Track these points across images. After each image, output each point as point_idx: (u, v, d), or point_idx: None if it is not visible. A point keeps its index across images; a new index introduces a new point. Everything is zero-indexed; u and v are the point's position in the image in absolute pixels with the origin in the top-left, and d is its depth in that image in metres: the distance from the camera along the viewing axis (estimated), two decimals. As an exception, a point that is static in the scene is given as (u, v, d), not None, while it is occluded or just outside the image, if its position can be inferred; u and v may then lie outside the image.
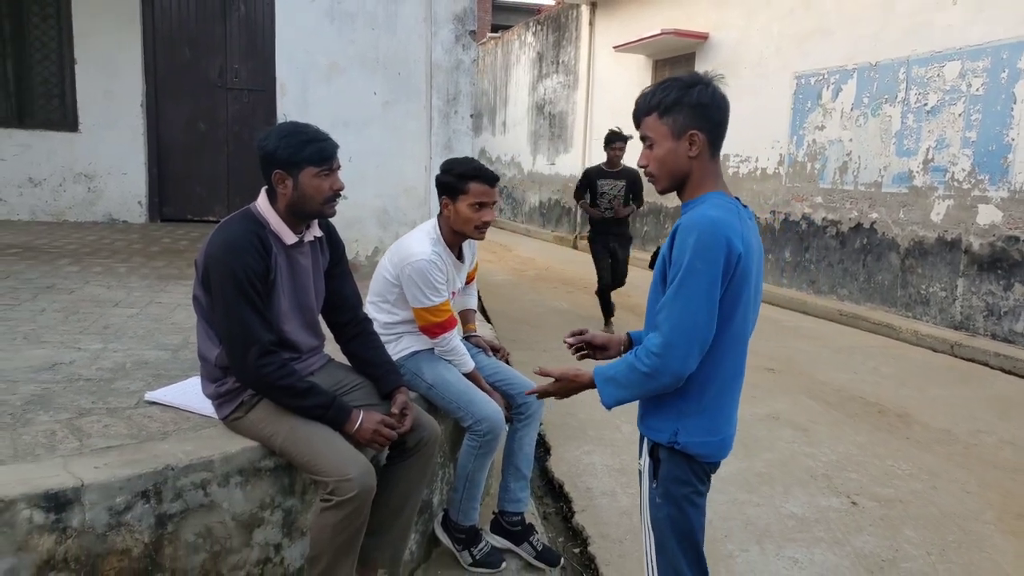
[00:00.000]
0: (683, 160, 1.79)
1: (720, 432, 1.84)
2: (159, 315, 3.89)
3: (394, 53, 4.76)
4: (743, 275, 1.73)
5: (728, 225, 1.70)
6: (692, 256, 1.67)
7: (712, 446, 1.83)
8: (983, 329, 6.82)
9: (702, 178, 1.81)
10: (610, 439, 4.39)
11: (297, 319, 2.34)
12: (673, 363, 1.70)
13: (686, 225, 1.72)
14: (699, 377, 1.76)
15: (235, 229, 2.20)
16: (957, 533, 3.42)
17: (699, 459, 1.83)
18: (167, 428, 2.36)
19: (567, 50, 14.20)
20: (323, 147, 2.24)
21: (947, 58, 7.05)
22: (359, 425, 2.24)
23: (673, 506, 1.84)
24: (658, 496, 1.85)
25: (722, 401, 1.83)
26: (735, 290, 1.73)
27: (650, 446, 1.87)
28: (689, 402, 1.79)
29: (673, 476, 1.83)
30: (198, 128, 7.41)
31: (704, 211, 1.73)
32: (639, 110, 1.84)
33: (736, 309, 1.75)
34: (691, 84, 1.76)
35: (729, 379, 1.83)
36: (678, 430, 1.80)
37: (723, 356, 1.78)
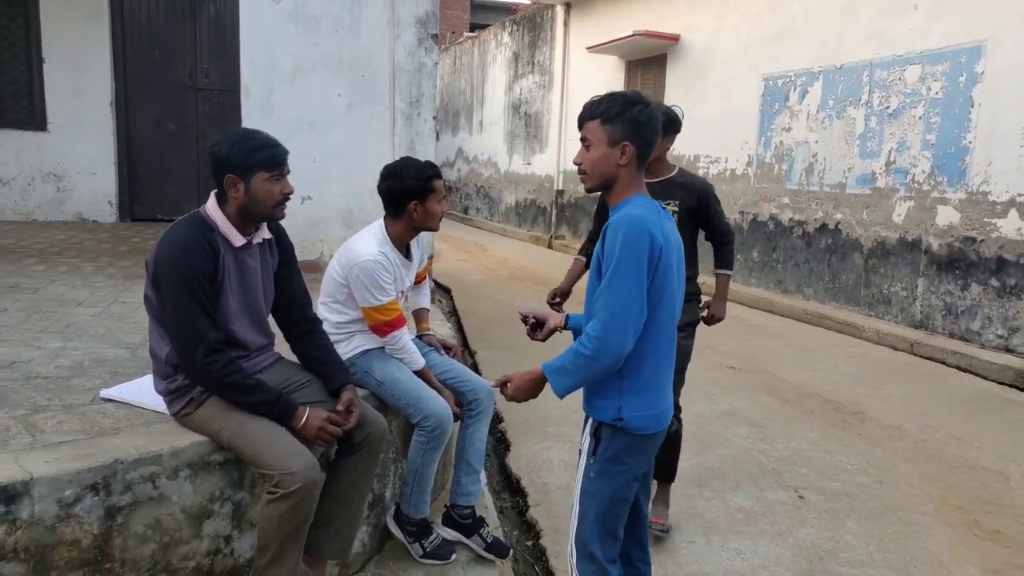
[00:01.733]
0: (612, 166, 2.02)
1: (657, 406, 2.05)
2: (121, 314, 3.93)
3: (358, 56, 4.83)
4: (666, 265, 1.96)
5: (650, 222, 1.94)
6: (621, 249, 1.90)
7: (651, 419, 2.04)
8: (942, 328, 6.99)
9: (627, 184, 2.04)
10: (568, 435, 4.48)
11: (245, 318, 2.41)
12: (612, 344, 1.90)
13: (614, 224, 1.95)
14: (636, 358, 1.98)
15: (184, 231, 2.26)
16: (897, 525, 3.54)
17: (639, 433, 2.03)
18: (120, 424, 2.42)
19: (542, 50, 14.30)
20: (274, 152, 2.31)
21: (908, 62, 7.22)
22: (304, 421, 2.31)
23: (606, 482, 2.05)
24: (592, 471, 2.07)
25: (658, 377, 2.05)
26: (660, 278, 1.96)
27: (594, 426, 2.07)
28: (628, 380, 2.00)
29: (610, 455, 2.04)
30: (168, 128, 7.43)
31: (629, 211, 1.96)
32: (585, 114, 2.05)
33: (664, 294, 1.98)
34: (633, 102, 1.99)
35: (662, 358, 2.05)
36: (621, 406, 2.00)
37: (656, 337, 2.00)
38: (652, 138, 2.01)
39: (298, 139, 4.88)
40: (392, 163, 2.94)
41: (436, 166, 2.93)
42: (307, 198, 4.90)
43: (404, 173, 2.84)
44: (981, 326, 6.63)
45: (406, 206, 2.84)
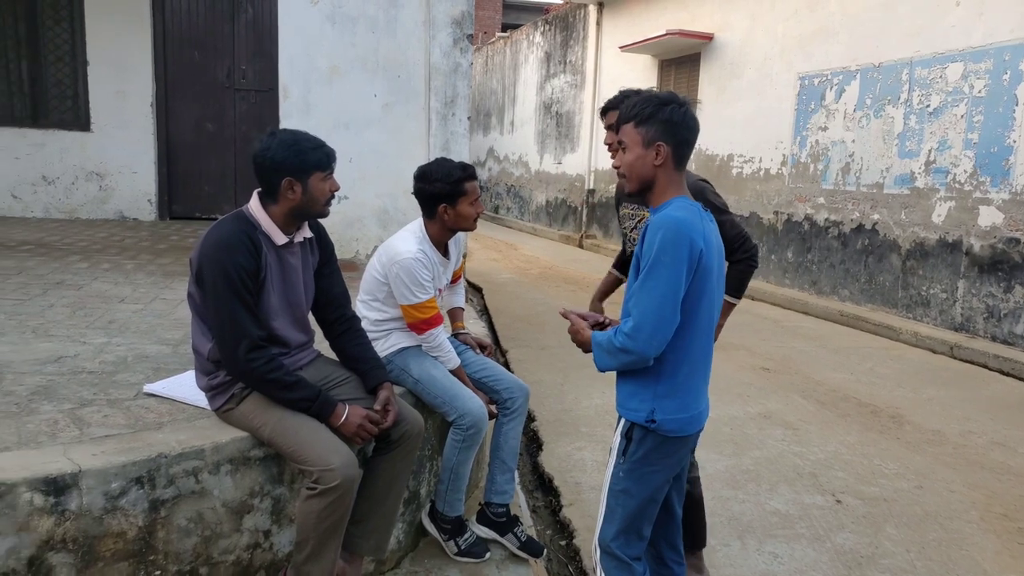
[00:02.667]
0: (649, 167, 2.03)
1: (690, 409, 2.05)
2: (162, 311, 4.01)
3: (394, 56, 4.86)
4: (705, 269, 1.95)
5: (690, 225, 1.93)
6: (658, 251, 1.90)
7: (683, 422, 2.04)
8: (983, 331, 6.84)
9: (666, 185, 2.04)
10: (602, 436, 4.47)
11: (286, 316, 2.45)
12: (640, 343, 1.92)
13: (654, 225, 1.95)
14: (671, 361, 1.99)
15: (227, 229, 2.30)
16: (939, 531, 3.47)
17: (671, 435, 2.03)
18: (163, 419, 2.47)
19: (574, 50, 14.27)
20: (327, 152, 2.38)
21: (949, 60, 7.07)
22: (344, 419, 2.34)
23: (633, 483, 2.07)
24: (622, 471, 2.09)
25: (692, 382, 2.05)
26: (699, 282, 1.95)
27: (626, 427, 2.08)
28: (663, 383, 2.01)
29: (640, 457, 2.05)
30: (206, 128, 7.55)
31: (669, 213, 1.96)
32: (621, 118, 2.07)
33: (702, 299, 1.98)
34: (666, 103, 1.99)
35: (698, 362, 2.05)
36: (655, 409, 2.01)
37: (692, 342, 2.00)
38: (688, 136, 2.01)
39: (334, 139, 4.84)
40: (425, 164, 2.96)
41: (469, 167, 2.92)
42: (343, 198, 4.94)
43: (433, 176, 2.85)
44: (1024, 330, 6.48)
45: (436, 208, 2.85)
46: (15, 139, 7.42)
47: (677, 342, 1.95)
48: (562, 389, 5.16)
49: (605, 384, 5.32)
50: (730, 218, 2.73)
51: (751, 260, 2.79)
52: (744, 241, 2.76)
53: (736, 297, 2.83)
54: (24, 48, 7.37)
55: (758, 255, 2.84)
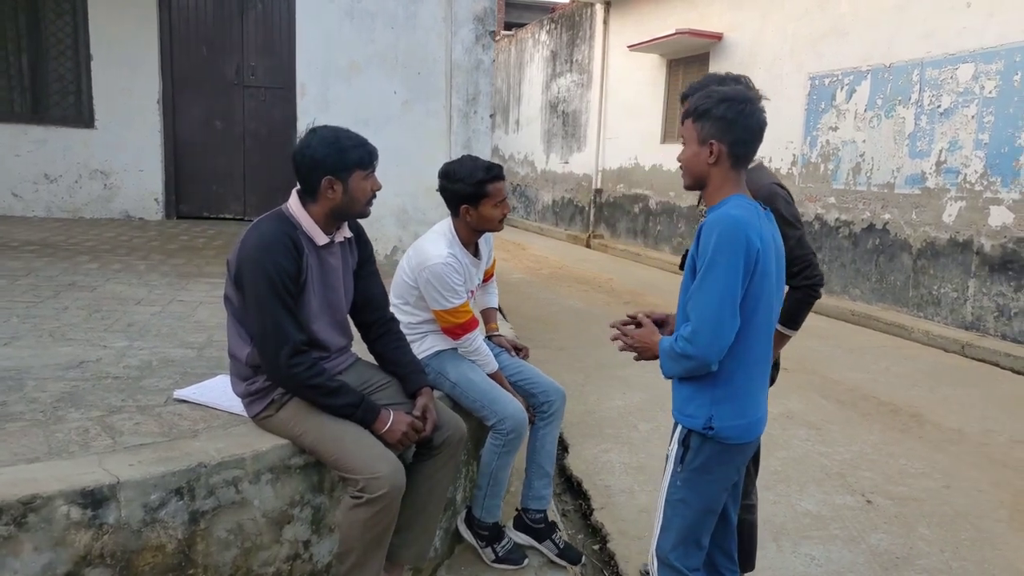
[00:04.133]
0: (702, 165, 1.97)
1: (748, 415, 1.99)
2: (182, 313, 3.94)
3: (413, 52, 4.79)
4: (764, 270, 1.89)
5: (747, 223, 1.87)
6: (715, 251, 1.84)
7: (741, 428, 1.98)
8: (993, 330, 6.82)
9: (721, 184, 1.98)
10: (627, 437, 4.43)
11: (326, 318, 2.38)
12: (700, 349, 1.87)
13: (709, 224, 1.89)
14: (730, 365, 1.93)
15: (268, 229, 2.24)
16: (970, 531, 3.44)
17: (729, 442, 1.98)
18: (197, 426, 2.40)
19: (581, 49, 14.21)
20: (370, 150, 2.32)
21: (961, 60, 7.04)
22: (389, 426, 2.28)
23: (694, 492, 2.02)
24: (679, 480, 2.03)
25: (750, 387, 1.99)
26: (757, 283, 1.89)
27: (683, 434, 2.02)
28: (721, 388, 1.95)
29: (698, 465, 2.00)
30: (214, 126, 7.47)
31: (726, 211, 1.90)
32: (685, 112, 2.02)
33: (760, 302, 1.91)
34: (724, 99, 1.93)
35: (756, 367, 1.99)
36: (712, 415, 1.95)
37: (751, 345, 1.94)
38: (745, 136, 1.93)
39: (352, 137, 4.85)
40: (450, 162, 2.88)
41: (495, 168, 2.81)
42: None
43: (456, 175, 2.77)
44: (1038, 329, 6.46)
45: (459, 209, 2.79)
46: (16, 135, 7.29)
47: (735, 346, 1.89)
48: (583, 390, 5.11)
49: (626, 385, 5.29)
50: (798, 234, 2.39)
51: (813, 289, 2.41)
52: (808, 266, 2.39)
53: (791, 328, 2.47)
54: (25, 41, 7.25)
55: (822, 284, 2.45)
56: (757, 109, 1.94)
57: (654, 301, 8.53)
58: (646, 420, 4.72)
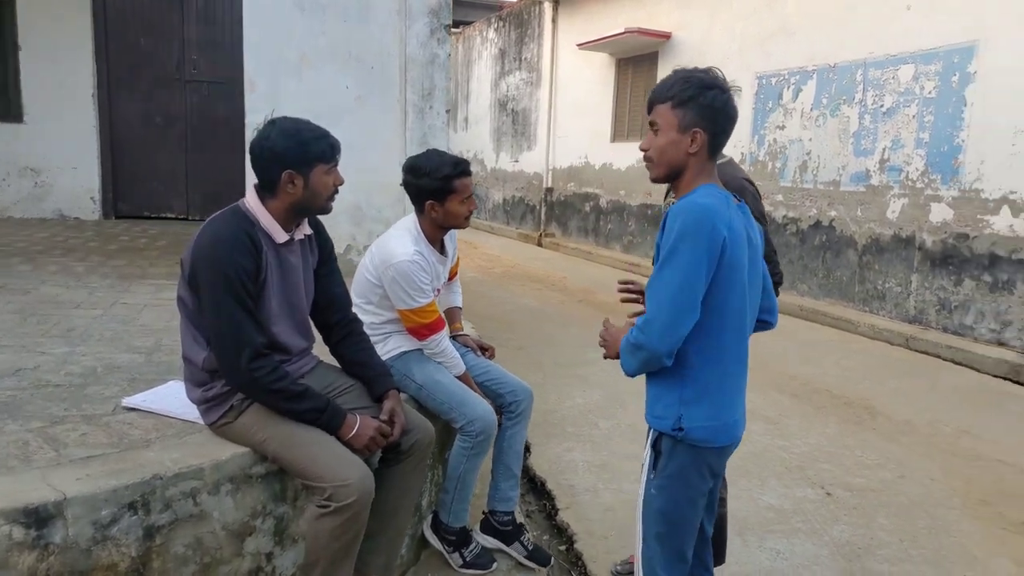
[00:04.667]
0: (682, 154, 1.87)
1: (722, 416, 1.90)
2: (126, 316, 3.75)
3: (366, 46, 4.67)
4: (733, 262, 1.80)
5: (714, 211, 1.78)
6: (677, 239, 1.76)
7: (714, 430, 1.89)
8: (935, 323, 7.03)
9: (697, 174, 1.89)
10: (589, 435, 4.40)
11: (287, 320, 2.28)
12: (652, 338, 1.77)
13: (674, 211, 1.80)
14: (698, 363, 1.84)
15: (225, 227, 2.12)
16: (926, 520, 3.52)
17: (701, 445, 1.88)
18: (150, 435, 2.27)
19: (530, 47, 14.19)
20: (331, 143, 2.21)
21: (901, 61, 7.24)
22: (355, 431, 2.18)
23: (668, 499, 1.93)
24: (653, 487, 1.94)
25: (724, 386, 1.89)
26: (726, 275, 1.79)
27: (653, 438, 1.94)
28: (690, 387, 1.86)
29: (672, 471, 1.91)
30: (155, 121, 7.18)
31: (693, 198, 1.82)
32: (656, 96, 1.91)
33: (730, 294, 1.82)
34: (709, 86, 1.85)
35: (730, 365, 1.90)
36: (681, 415, 1.86)
37: (721, 342, 1.85)
38: (727, 126, 1.87)
39: (303, 133, 4.71)
40: (416, 156, 2.80)
41: (462, 163, 2.73)
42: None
43: (422, 169, 2.69)
44: (974, 320, 6.68)
45: (424, 204, 2.71)
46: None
47: (705, 341, 1.81)
48: (543, 389, 5.06)
49: (585, 383, 5.27)
50: (763, 231, 2.25)
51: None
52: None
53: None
54: (-55, 31, 6.85)
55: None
56: (733, 100, 1.89)
57: (607, 299, 8.55)
58: (606, 417, 4.70)
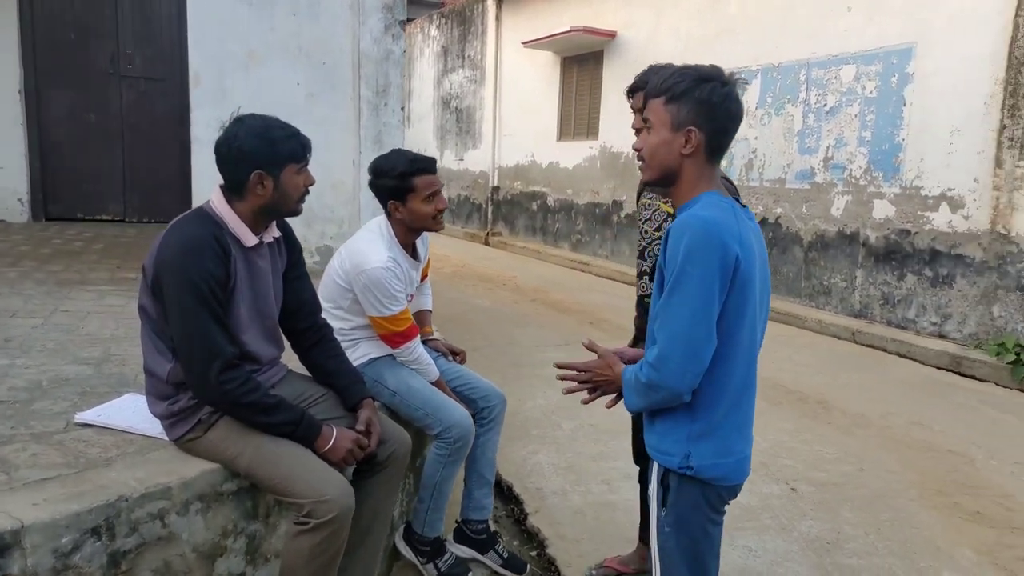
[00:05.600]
0: (675, 155, 1.70)
1: (734, 453, 1.74)
2: (69, 325, 3.53)
3: (318, 42, 4.52)
4: (745, 280, 1.63)
5: (722, 225, 1.61)
6: (684, 260, 1.58)
7: (726, 468, 1.72)
8: (879, 316, 7.24)
9: (695, 179, 1.71)
10: (553, 437, 4.36)
11: (256, 328, 2.16)
12: (669, 377, 1.61)
13: (677, 227, 1.63)
14: (708, 394, 1.67)
15: (191, 231, 1.99)
16: (889, 512, 3.58)
17: (713, 483, 1.72)
18: (109, 453, 2.12)
19: (473, 44, 14.10)
20: (302, 142, 2.11)
21: (843, 61, 7.43)
22: (332, 443, 2.08)
23: (684, 535, 1.76)
24: (667, 525, 1.77)
25: (735, 419, 1.73)
26: (738, 297, 1.63)
27: (660, 473, 1.77)
28: (699, 422, 1.70)
29: (684, 504, 1.74)
30: (87, 119, 6.82)
31: (695, 212, 1.64)
32: (649, 91, 1.74)
33: (743, 319, 1.65)
34: (706, 79, 1.67)
35: (740, 395, 1.73)
36: (690, 453, 1.70)
37: (732, 371, 1.68)
38: (727, 124, 1.69)
39: (253, 131, 4.53)
40: (378, 157, 2.72)
41: (421, 159, 2.63)
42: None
43: (381, 169, 2.62)
44: (916, 314, 6.90)
45: (387, 204, 2.62)
46: None
47: (714, 371, 1.63)
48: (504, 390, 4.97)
49: (545, 384, 5.22)
50: None
51: None
52: None
53: None
54: None
55: None
56: (737, 94, 1.69)
57: (559, 298, 8.55)
58: (569, 418, 4.67)
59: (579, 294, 8.92)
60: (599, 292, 9.16)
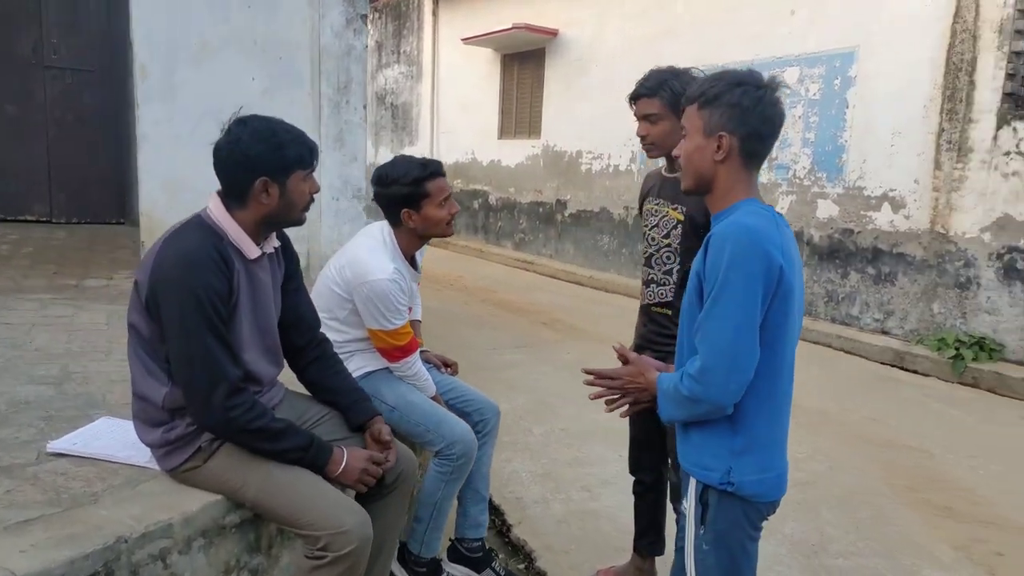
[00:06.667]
0: (708, 162, 1.68)
1: (775, 467, 1.71)
2: (13, 339, 3.23)
3: (275, 35, 4.29)
4: (787, 290, 1.60)
5: (764, 234, 1.59)
6: (727, 269, 1.56)
7: (767, 484, 1.69)
8: (824, 314, 7.45)
9: (730, 186, 1.69)
10: (525, 443, 4.27)
11: (257, 346, 1.99)
12: (712, 390, 1.58)
13: (719, 235, 1.60)
14: (752, 407, 1.64)
15: (191, 242, 1.82)
16: (865, 509, 3.65)
17: (753, 500, 1.68)
18: (93, 487, 1.92)
19: (409, 40, 13.85)
20: (310, 146, 1.95)
21: (787, 63, 7.60)
22: (344, 466, 1.94)
23: (723, 553, 1.71)
24: (705, 543, 1.71)
25: (776, 433, 1.71)
26: (780, 308, 1.60)
27: (699, 489, 1.71)
28: (741, 436, 1.66)
29: (724, 521, 1.70)
30: (6, 112, 6.33)
31: (737, 219, 1.61)
32: (686, 98, 1.73)
33: (785, 330, 1.62)
34: (739, 83, 1.65)
35: (782, 408, 1.71)
36: (731, 468, 1.65)
37: (774, 383, 1.65)
38: (762, 128, 1.65)
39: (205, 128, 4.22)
40: (381, 165, 2.59)
41: (432, 163, 2.54)
42: (217, 196, 4.31)
43: (389, 177, 2.49)
44: (860, 311, 7.13)
45: (399, 215, 2.49)
46: None
47: (756, 383, 1.60)
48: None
49: (509, 388, 5.13)
50: None
51: None
52: None
53: None
54: None
55: None
56: (777, 98, 1.65)
57: (509, 298, 8.48)
58: (539, 423, 4.60)
59: (528, 294, 8.87)
60: (547, 292, 9.13)
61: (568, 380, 5.45)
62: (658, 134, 2.35)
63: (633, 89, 2.42)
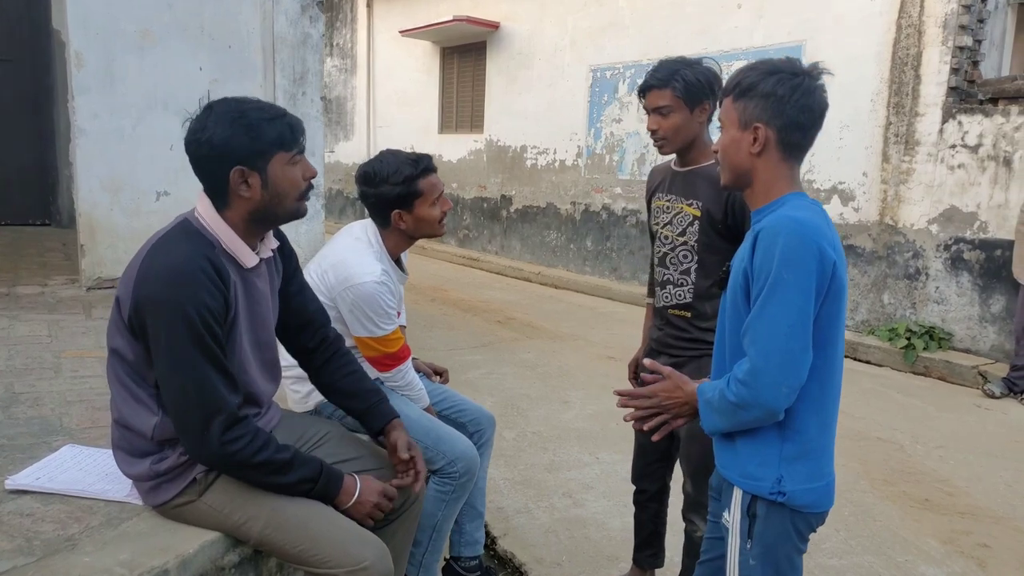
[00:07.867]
0: (744, 155, 1.60)
1: (825, 476, 1.62)
2: (-59, 357, 2.89)
3: (223, 23, 4.00)
4: (839, 288, 1.53)
5: (817, 229, 1.51)
6: (779, 265, 1.47)
7: (818, 493, 1.60)
8: (773, 306, 7.55)
9: (771, 180, 1.60)
10: (498, 449, 4.09)
11: (257, 364, 1.78)
12: (763, 393, 1.49)
13: (769, 229, 1.51)
14: (801, 411, 1.55)
15: (179, 254, 1.58)
16: (849, 507, 3.64)
17: (803, 510, 1.59)
18: (68, 529, 1.68)
19: (342, 32, 13.46)
20: (290, 123, 1.68)
21: (734, 57, 7.65)
22: (357, 496, 1.75)
23: (770, 567, 1.62)
24: (752, 557, 1.62)
25: (825, 439, 1.62)
26: (833, 306, 1.52)
27: (746, 501, 1.62)
28: (791, 442, 1.57)
29: (772, 534, 1.61)
30: (-86, 105, 5.79)
31: (787, 213, 1.53)
32: (724, 90, 1.65)
33: (837, 330, 1.55)
34: (774, 71, 1.56)
35: (832, 413, 1.63)
36: (782, 477, 1.57)
37: (826, 385, 1.57)
38: (800, 118, 1.56)
39: (150, 120, 3.96)
40: (367, 162, 2.40)
41: (424, 158, 2.37)
42: (163, 193, 3.98)
43: (378, 176, 2.30)
44: (807, 303, 7.24)
45: (390, 216, 2.31)
46: None
47: (808, 385, 1.52)
48: (440, 402, 4.70)
49: (474, 390, 4.96)
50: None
51: None
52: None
53: None
54: None
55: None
56: (817, 86, 1.56)
57: (460, 297, 8.30)
58: (509, 427, 4.46)
59: (478, 291, 8.71)
60: (497, 289, 8.99)
61: (532, 380, 5.34)
62: (670, 127, 2.22)
63: (643, 81, 2.30)
